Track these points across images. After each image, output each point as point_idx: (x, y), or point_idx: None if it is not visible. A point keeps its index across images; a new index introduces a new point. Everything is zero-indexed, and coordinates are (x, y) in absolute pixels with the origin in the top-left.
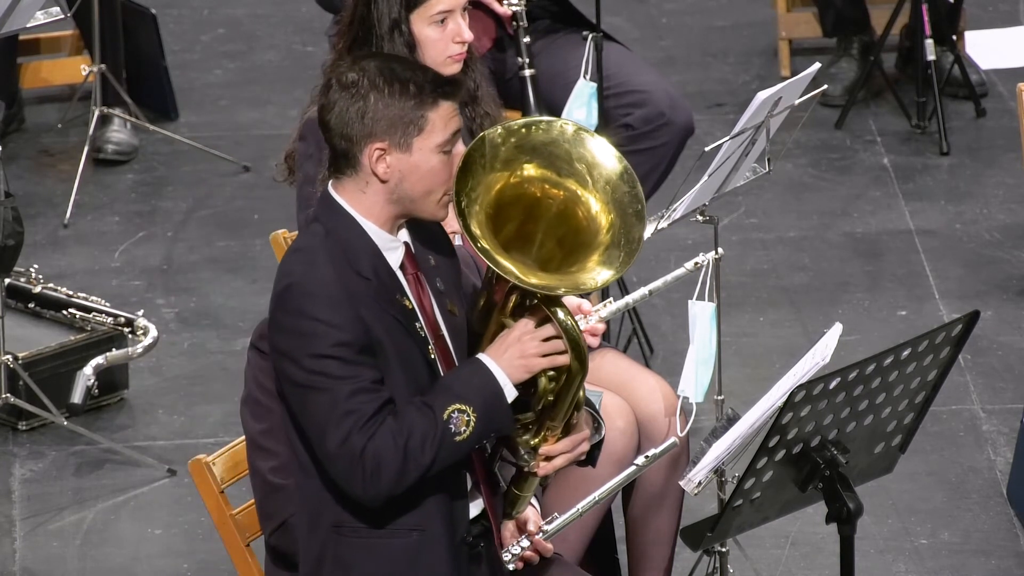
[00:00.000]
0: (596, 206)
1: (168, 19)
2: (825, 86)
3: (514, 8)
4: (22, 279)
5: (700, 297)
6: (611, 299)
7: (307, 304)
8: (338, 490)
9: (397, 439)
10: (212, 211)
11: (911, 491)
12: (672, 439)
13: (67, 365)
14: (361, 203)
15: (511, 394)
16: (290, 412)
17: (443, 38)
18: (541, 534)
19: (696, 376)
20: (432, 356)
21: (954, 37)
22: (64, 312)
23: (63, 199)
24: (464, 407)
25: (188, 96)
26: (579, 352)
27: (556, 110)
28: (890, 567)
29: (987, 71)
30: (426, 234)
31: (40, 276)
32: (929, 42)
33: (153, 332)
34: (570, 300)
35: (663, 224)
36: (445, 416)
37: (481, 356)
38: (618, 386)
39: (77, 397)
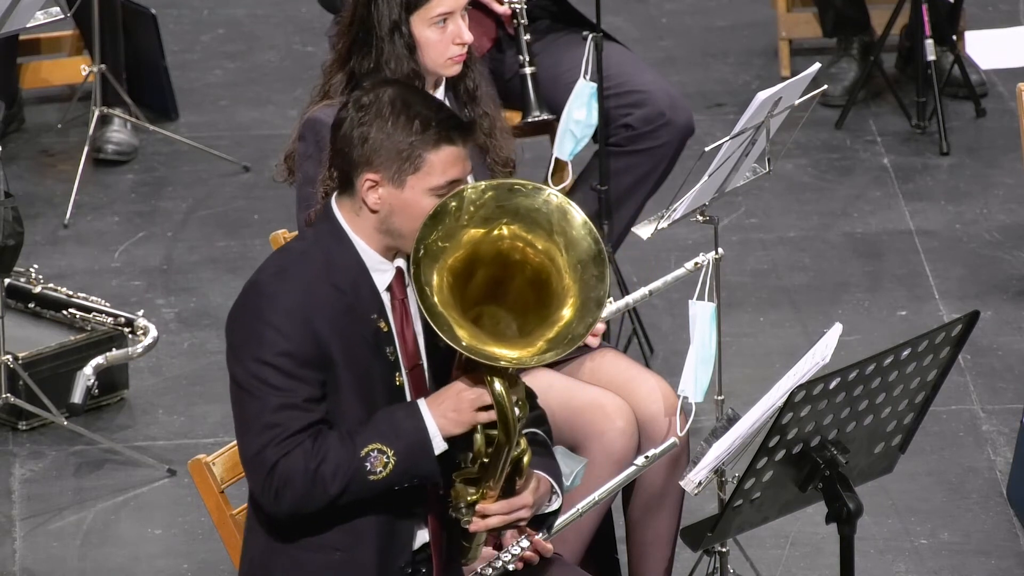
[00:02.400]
0: (565, 281)
1: (168, 19)
2: (825, 86)
3: (514, 6)
4: (22, 279)
5: (700, 297)
6: (611, 299)
7: (263, 306)
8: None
9: (309, 463)
10: (212, 211)
11: (911, 491)
12: (672, 439)
13: (67, 365)
14: (355, 223)
15: (439, 445)
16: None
17: (443, 40)
18: (541, 534)
19: (696, 376)
20: (399, 383)
21: (954, 37)
22: (64, 312)
23: (63, 199)
24: (385, 448)
25: (188, 96)
26: (506, 425)
27: (556, 110)
28: (890, 567)
29: (987, 71)
30: None
31: (40, 276)
32: (929, 42)
33: (153, 332)
34: None
35: (663, 224)
36: (363, 453)
37: (420, 402)
38: (618, 386)
39: (77, 397)
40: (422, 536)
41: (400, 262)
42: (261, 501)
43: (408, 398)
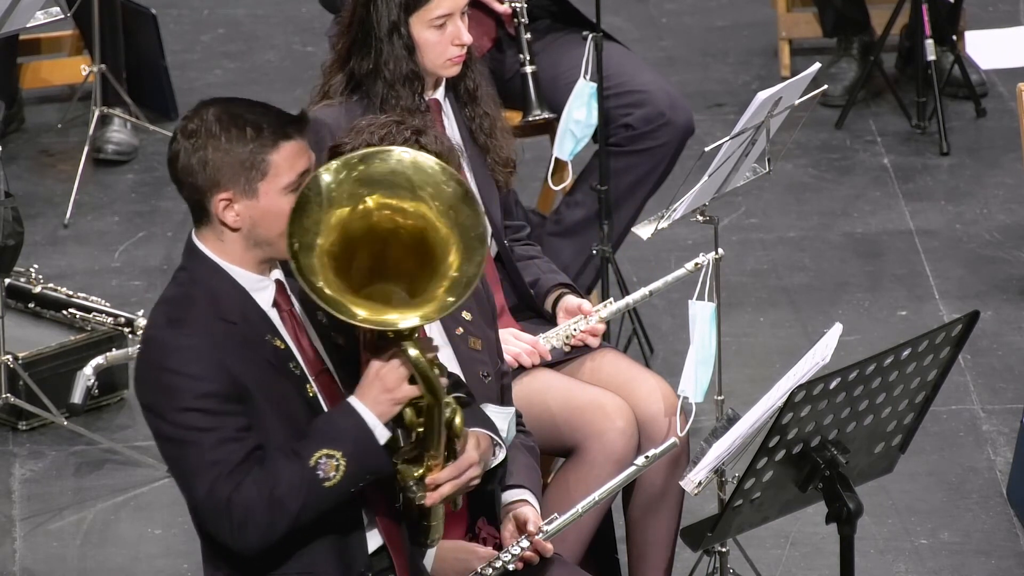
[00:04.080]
0: (442, 231)
1: (168, 19)
2: (825, 86)
3: (515, 5)
4: (22, 279)
5: (700, 297)
6: (611, 299)
7: (167, 358)
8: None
9: (262, 488)
10: None
11: (911, 491)
12: (672, 439)
13: (67, 365)
14: (223, 250)
15: (382, 434)
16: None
17: (442, 41)
18: (541, 534)
19: (696, 376)
20: (311, 394)
21: (954, 37)
22: (64, 312)
23: (63, 199)
24: (332, 452)
25: (188, 96)
26: (429, 384)
27: (556, 110)
28: (890, 567)
29: (987, 71)
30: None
31: (40, 276)
32: (929, 42)
33: None
34: (571, 300)
35: (663, 224)
36: (312, 463)
37: (350, 398)
38: (618, 386)
39: (77, 397)
40: (375, 538)
41: (276, 274)
42: (226, 541)
43: (323, 405)
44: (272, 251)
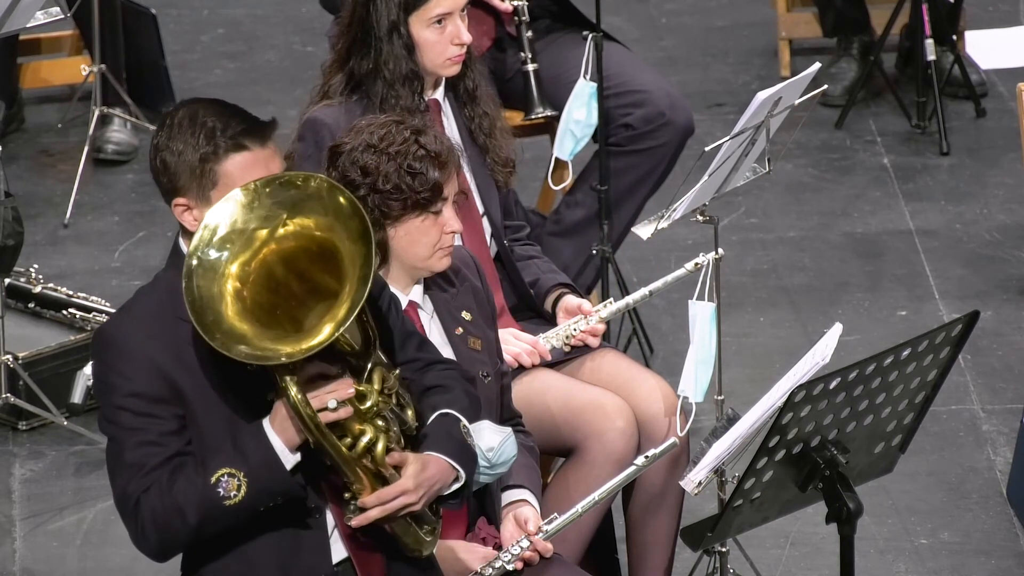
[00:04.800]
0: (340, 267)
1: (168, 19)
2: (825, 86)
3: (516, 4)
4: (22, 279)
5: (700, 297)
6: (611, 299)
7: (107, 354)
8: None
9: (165, 498)
10: None
11: (911, 491)
12: (672, 439)
13: (67, 365)
14: None
15: (290, 460)
16: None
17: (442, 40)
18: (541, 534)
19: (696, 376)
20: (270, 399)
21: (954, 37)
22: (64, 312)
23: (63, 199)
24: (235, 471)
25: (188, 96)
26: (303, 423)
27: (557, 110)
28: (890, 567)
29: (987, 71)
30: None
31: (40, 276)
32: (929, 42)
33: None
34: (571, 300)
35: (663, 224)
36: (214, 480)
37: (264, 420)
38: (618, 386)
39: (77, 397)
40: (339, 549)
41: None
42: (134, 543)
43: None
44: None
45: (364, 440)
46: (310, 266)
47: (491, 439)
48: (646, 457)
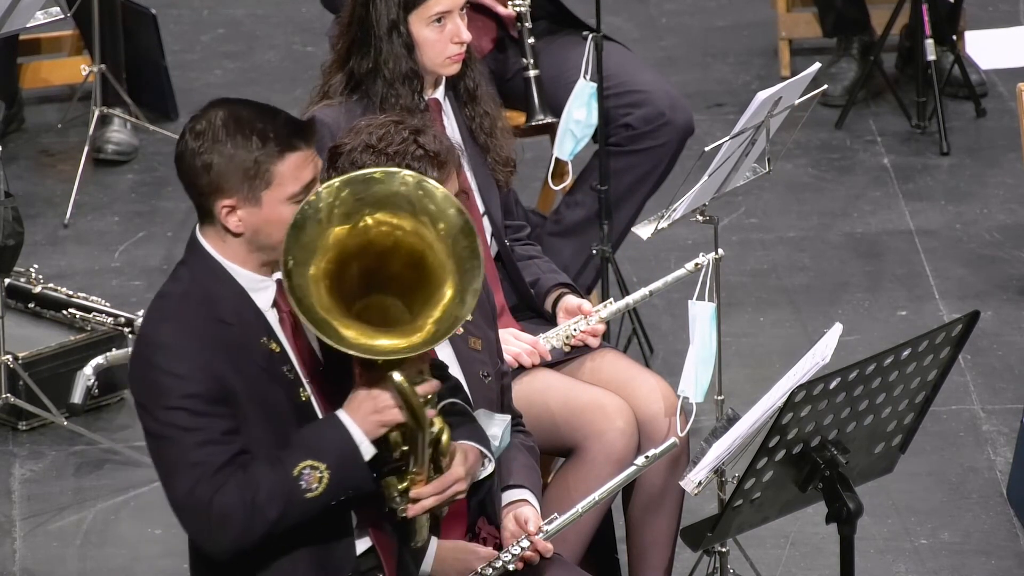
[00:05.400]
0: (441, 256)
1: (168, 19)
2: (825, 86)
3: (518, 9)
4: (22, 279)
5: (700, 297)
6: (611, 300)
7: (156, 356)
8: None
9: (244, 493)
10: None
11: (911, 491)
12: (672, 439)
13: (67, 365)
14: (225, 250)
15: (368, 451)
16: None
17: (441, 39)
18: (541, 534)
19: (696, 376)
20: (304, 398)
21: (954, 37)
22: (64, 312)
23: (63, 199)
24: (317, 464)
25: (188, 96)
26: (412, 411)
27: (556, 110)
28: (890, 567)
29: (987, 71)
30: None
31: (40, 276)
32: (929, 42)
33: None
34: (571, 300)
35: (663, 224)
36: (296, 472)
37: (339, 412)
38: (618, 386)
39: (77, 397)
40: (363, 541)
41: (278, 275)
42: (201, 543)
43: (317, 409)
44: (275, 255)
45: (434, 430)
46: (396, 261)
47: (494, 428)
48: (646, 457)
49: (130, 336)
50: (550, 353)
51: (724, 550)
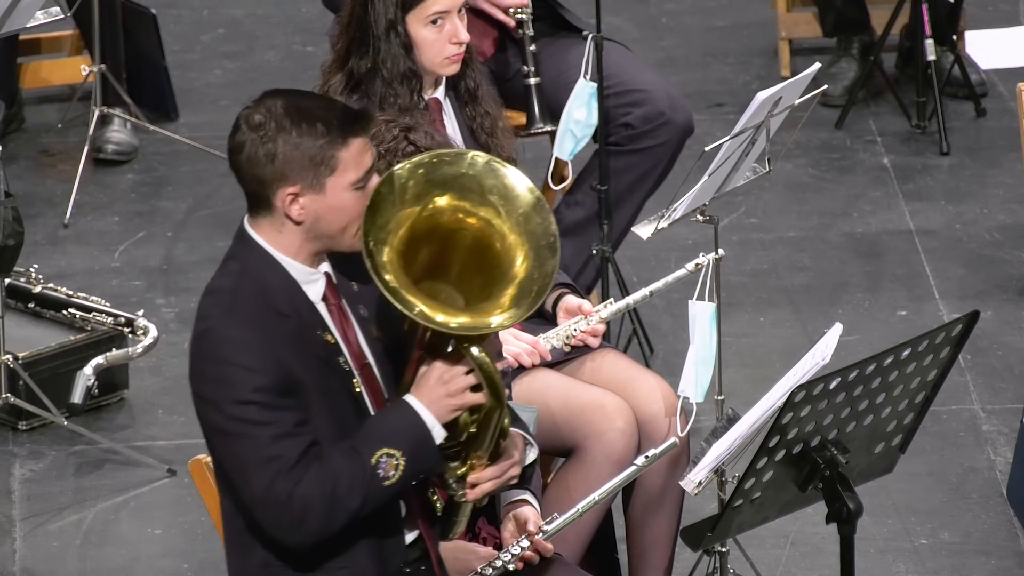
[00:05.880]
0: (510, 238)
1: (168, 19)
2: (825, 86)
3: (520, 17)
4: (22, 279)
5: (700, 297)
6: (611, 300)
7: (224, 350)
8: (262, 531)
9: (324, 485)
10: (212, 211)
11: (911, 491)
12: (672, 439)
13: (67, 365)
14: (278, 241)
15: (439, 435)
16: (213, 455)
17: (440, 39)
18: (541, 534)
19: (696, 376)
20: (358, 389)
21: (954, 37)
22: (64, 312)
23: (63, 199)
24: (392, 451)
25: (188, 96)
26: (495, 390)
27: (557, 111)
28: (890, 567)
29: (987, 71)
30: (347, 260)
31: (40, 276)
32: (929, 42)
33: (153, 332)
34: (571, 300)
35: (663, 224)
36: (373, 461)
37: (408, 398)
38: (618, 386)
39: (77, 397)
40: (411, 534)
41: (325, 267)
42: (280, 536)
43: (368, 401)
44: (331, 244)
45: (495, 418)
46: (459, 250)
47: (525, 416)
48: (646, 457)
49: (130, 336)
50: (550, 353)
51: (724, 550)
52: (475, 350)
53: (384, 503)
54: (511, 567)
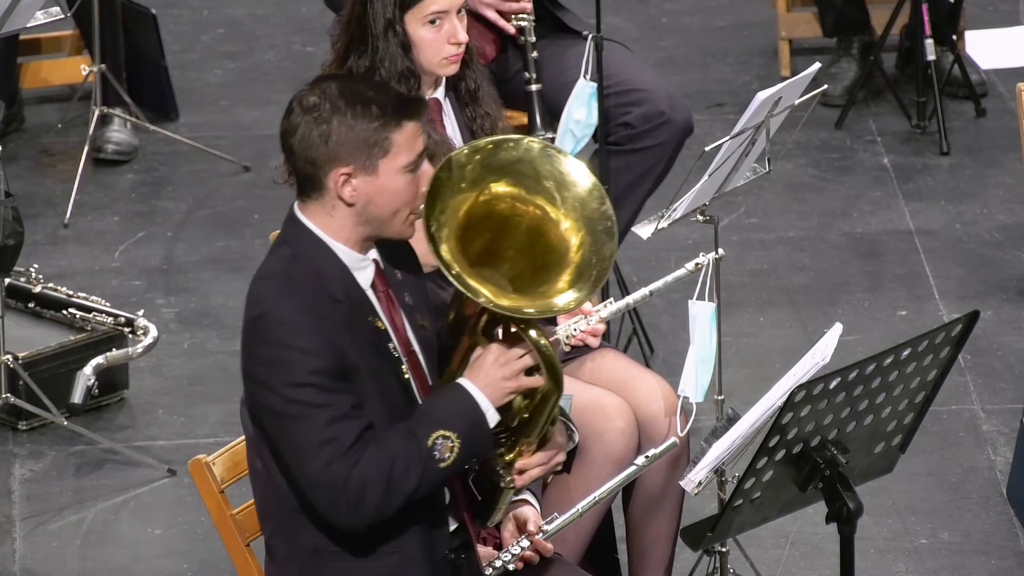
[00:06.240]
0: (565, 224)
1: (168, 19)
2: (825, 86)
3: (522, 24)
4: (22, 279)
5: (700, 297)
6: (611, 299)
7: (281, 333)
8: (312, 515)
9: (381, 466)
10: (212, 211)
11: (911, 491)
12: (672, 439)
13: (67, 365)
14: (329, 225)
15: (493, 419)
16: (266, 438)
17: (438, 39)
18: (541, 534)
19: (696, 376)
20: (406, 376)
21: (954, 37)
22: (64, 312)
23: (63, 199)
24: (448, 433)
25: (188, 96)
26: (554, 372)
27: (557, 111)
28: (890, 567)
29: (987, 71)
30: (391, 249)
31: (40, 276)
32: (929, 42)
33: (153, 332)
34: None
35: (663, 224)
36: (430, 443)
37: (462, 381)
38: (618, 386)
39: (77, 397)
40: (452, 521)
41: (373, 254)
42: (336, 518)
43: (414, 388)
44: (381, 229)
45: (551, 402)
46: (512, 240)
47: (563, 403)
48: (646, 457)
49: (130, 336)
50: None
51: (724, 550)
52: (534, 333)
53: (437, 486)
54: (511, 567)
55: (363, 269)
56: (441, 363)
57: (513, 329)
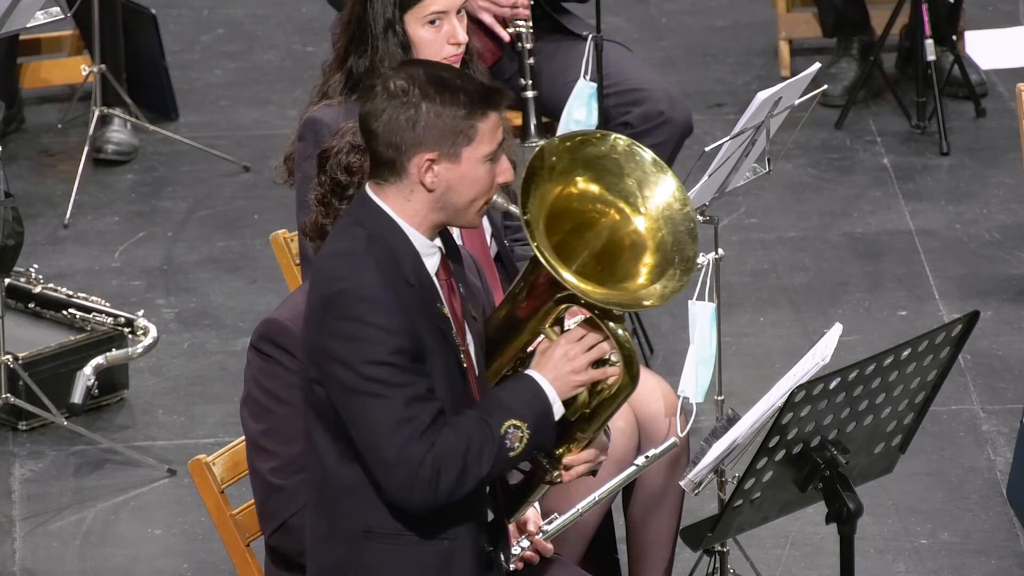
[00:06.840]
0: (643, 224)
1: (168, 19)
2: (825, 86)
3: (519, 30)
4: (22, 279)
5: (700, 297)
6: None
7: (363, 309)
8: (365, 496)
9: (457, 450)
10: (212, 211)
11: (911, 491)
12: (672, 439)
13: (67, 365)
14: (404, 209)
15: (559, 412)
16: (318, 416)
17: (437, 39)
18: (541, 534)
19: (696, 376)
20: (464, 364)
21: (954, 37)
22: (64, 312)
23: (63, 199)
24: (519, 423)
25: (188, 96)
26: (631, 366)
27: (557, 111)
28: (890, 567)
29: (987, 71)
30: (444, 238)
31: (40, 276)
32: (929, 42)
33: (153, 332)
34: None
35: None
36: (502, 431)
37: (531, 372)
38: None
39: (77, 397)
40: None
41: (439, 241)
42: (408, 499)
43: (470, 377)
44: (455, 217)
45: (623, 397)
46: (597, 226)
47: None
48: (646, 457)
49: (130, 336)
50: None
51: (724, 550)
52: (620, 330)
53: (504, 474)
54: (511, 567)
55: (431, 256)
56: (486, 357)
57: (588, 322)
